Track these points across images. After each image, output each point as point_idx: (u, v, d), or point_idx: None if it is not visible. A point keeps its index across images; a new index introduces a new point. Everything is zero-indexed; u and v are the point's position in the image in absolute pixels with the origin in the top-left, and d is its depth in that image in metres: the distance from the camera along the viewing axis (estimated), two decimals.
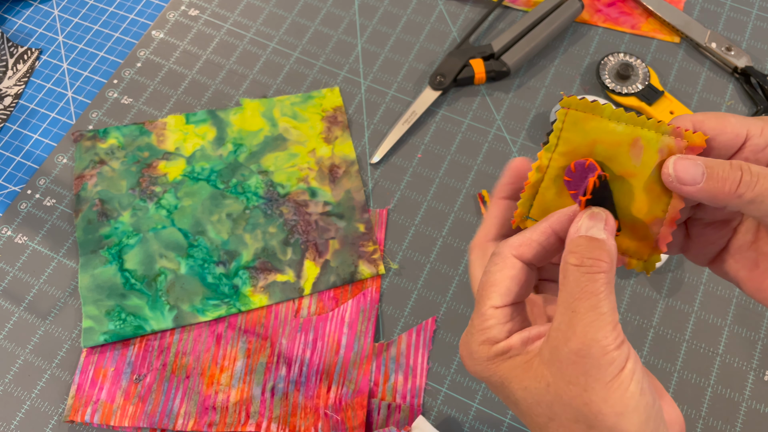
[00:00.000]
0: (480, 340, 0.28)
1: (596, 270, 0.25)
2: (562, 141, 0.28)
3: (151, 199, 0.53)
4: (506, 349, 0.27)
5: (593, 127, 0.28)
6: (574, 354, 0.24)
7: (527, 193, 0.29)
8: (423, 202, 0.53)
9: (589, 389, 0.24)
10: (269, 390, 0.46)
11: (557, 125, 0.28)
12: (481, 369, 0.28)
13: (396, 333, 0.49)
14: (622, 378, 0.24)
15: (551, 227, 0.28)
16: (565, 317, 0.25)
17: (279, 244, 0.51)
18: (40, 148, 0.56)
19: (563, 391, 0.25)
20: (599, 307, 0.25)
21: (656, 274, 0.50)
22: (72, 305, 0.50)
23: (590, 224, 0.26)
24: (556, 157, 0.28)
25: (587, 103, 0.28)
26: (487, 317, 0.28)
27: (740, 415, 0.45)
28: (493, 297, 0.28)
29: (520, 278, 0.28)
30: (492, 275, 0.28)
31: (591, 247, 0.26)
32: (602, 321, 0.24)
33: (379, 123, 0.56)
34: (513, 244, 0.28)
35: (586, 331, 0.24)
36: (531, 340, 0.27)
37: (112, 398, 0.46)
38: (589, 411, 0.25)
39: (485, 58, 0.57)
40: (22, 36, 0.62)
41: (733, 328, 0.48)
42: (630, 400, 0.24)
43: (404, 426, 0.45)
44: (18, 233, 0.53)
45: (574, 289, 0.25)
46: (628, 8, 0.61)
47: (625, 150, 0.28)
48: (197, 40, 0.61)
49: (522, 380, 0.26)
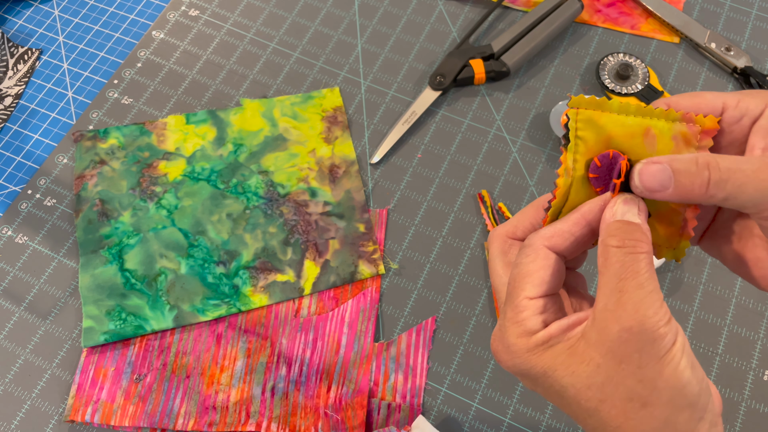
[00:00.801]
0: (517, 333, 0.27)
1: (638, 250, 0.25)
2: (579, 141, 0.28)
3: (151, 199, 0.53)
4: (546, 338, 0.27)
5: (605, 122, 0.28)
6: (626, 332, 0.24)
7: (558, 200, 0.29)
8: (423, 202, 0.53)
9: (644, 366, 0.24)
10: (269, 390, 0.46)
11: (572, 125, 0.28)
12: (521, 362, 0.27)
13: (396, 333, 0.49)
14: (674, 352, 0.24)
15: (584, 217, 0.28)
16: (613, 297, 0.25)
17: (279, 244, 0.51)
18: (40, 148, 0.57)
19: (615, 370, 0.25)
20: (645, 285, 0.25)
21: (656, 274, 0.50)
22: (72, 305, 0.50)
23: (625, 209, 0.27)
24: (578, 158, 0.28)
25: (595, 100, 0.28)
26: (522, 308, 0.27)
27: (740, 414, 0.46)
28: (527, 288, 0.28)
29: (553, 269, 0.28)
30: (525, 266, 0.28)
31: (629, 229, 0.26)
32: (651, 298, 0.25)
33: (379, 123, 0.57)
34: (545, 235, 0.28)
35: (637, 308, 0.24)
36: (570, 327, 0.27)
37: (112, 398, 0.46)
38: (643, 388, 0.25)
39: (485, 58, 0.57)
40: (23, 36, 0.62)
41: (733, 327, 0.48)
42: (683, 374, 0.24)
43: (404, 426, 0.45)
44: (18, 233, 0.53)
45: (619, 269, 0.25)
46: (627, 8, 0.61)
47: (639, 140, 0.28)
48: (197, 40, 0.61)
49: (569, 366, 0.26)
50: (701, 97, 0.28)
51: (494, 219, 0.52)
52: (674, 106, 0.28)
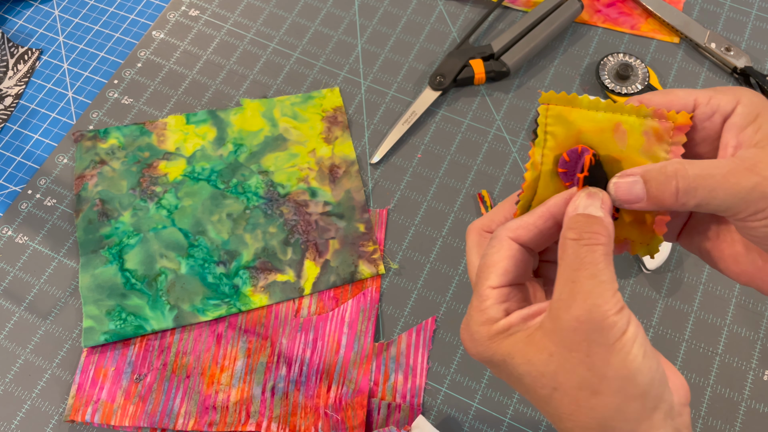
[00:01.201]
0: (480, 321, 0.28)
1: (594, 242, 0.26)
2: (549, 136, 0.29)
3: (151, 199, 0.53)
4: (507, 327, 0.27)
5: (575, 118, 0.28)
6: (575, 320, 0.25)
7: (526, 194, 0.29)
8: (423, 202, 0.53)
9: (592, 354, 0.25)
10: (269, 389, 0.46)
11: (541, 120, 0.29)
12: (483, 349, 0.28)
13: (396, 333, 0.49)
14: (624, 341, 0.25)
15: (549, 211, 0.28)
16: (566, 287, 0.25)
17: (279, 244, 0.51)
18: (40, 148, 0.57)
19: (566, 358, 0.25)
20: (598, 276, 0.25)
21: (656, 274, 0.50)
22: (72, 305, 0.50)
23: (588, 203, 0.27)
24: (547, 153, 0.29)
25: (565, 96, 0.28)
26: (485, 297, 0.28)
27: (740, 414, 0.46)
28: (490, 277, 0.28)
29: (516, 260, 0.29)
30: (489, 257, 0.29)
31: (589, 222, 0.26)
32: (602, 288, 0.25)
33: (379, 123, 0.57)
34: (510, 227, 0.29)
35: (586, 297, 0.25)
36: (531, 316, 0.27)
37: (112, 398, 0.47)
38: (592, 376, 0.25)
39: (485, 58, 0.57)
40: (23, 36, 0.62)
41: (733, 327, 0.48)
42: (632, 363, 0.25)
43: (404, 425, 0.45)
44: (18, 233, 0.53)
45: (573, 261, 0.26)
46: (627, 8, 0.61)
47: (609, 135, 0.28)
48: (197, 40, 0.61)
49: (525, 354, 0.27)
50: (673, 94, 0.28)
51: None
52: (646, 103, 0.28)
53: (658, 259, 0.48)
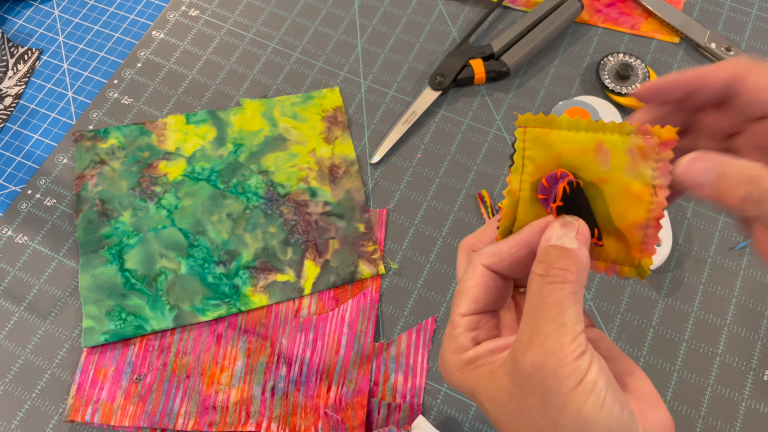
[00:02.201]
0: (451, 349, 0.28)
1: (561, 280, 0.25)
2: (527, 161, 0.27)
3: (151, 199, 0.53)
4: (474, 358, 0.27)
5: (554, 140, 0.27)
6: (530, 366, 0.24)
7: (504, 221, 0.28)
8: (423, 202, 0.53)
9: (546, 401, 0.24)
10: (269, 390, 0.46)
11: (518, 145, 0.27)
12: (453, 378, 0.28)
13: (396, 333, 0.49)
14: (580, 390, 0.24)
15: (523, 240, 0.28)
16: (527, 328, 0.25)
17: (279, 244, 0.51)
18: (40, 148, 0.57)
19: (523, 402, 0.25)
20: (560, 318, 0.24)
21: (656, 274, 0.50)
22: (72, 305, 0.50)
23: (561, 233, 0.26)
24: (526, 179, 0.27)
25: (543, 117, 0.27)
26: (456, 324, 0.28)
27: (740, 414, 0.46)
28: (461, 305, 0.28)
29: (488, 287, 0.28)
30: (463, 283, 0.28)
31: (559, 256, 0.25)
32: (561, 332, 0.24)
33: (379, 123, 0.57)
34: (485, 254, 0.28)
35: (543, 342, 0.24)
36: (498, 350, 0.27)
37: (112, 398, 0.47)
38: (547, 423, 0.24)
39: (485, 58, 0.57)
40: (23, 36, 0.62)
41: (733, 327, 0.48)
42: (588, 414, 0.23)
43: (404, 426, 0.45)
44: (18, 233, 0.53)
45: (536, 299, 0.25)
46: (627, 8, 0.61)
47: (591, 156, 0.27)
48: (197, 40, 0.61)
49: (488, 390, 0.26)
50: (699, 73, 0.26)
51: None
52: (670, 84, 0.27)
53: (658, 260, 0.48)
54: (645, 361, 0.47)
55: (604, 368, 0.24)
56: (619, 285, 0.50)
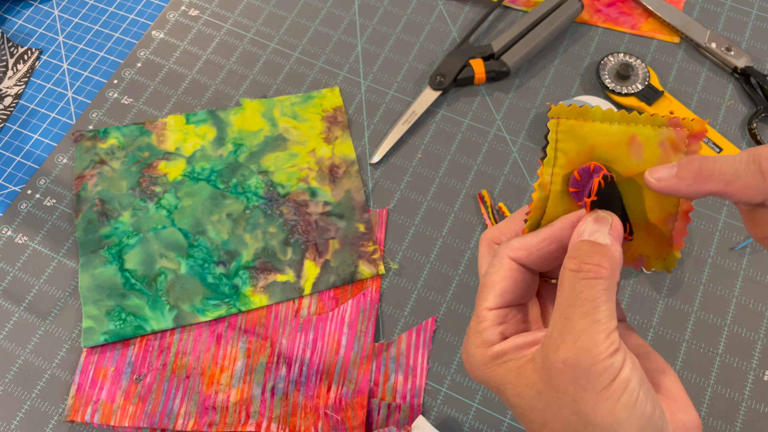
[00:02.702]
0: (476, 343, 0.27)
1: (594, 276, 0.24)
2: (560, 153, 0.27)
3: (151, 199, 0.53)
4: (501, 353, 0.27)
5: (588, 132, 0.27)
6: (563, 363, 0.24)
7: (534, 215, 0.27)
8: (423, 202, 0.53)
9: (578, 399, 0.24)
10: (269, 390, 0.46)
11: (552, 137, 0.27)
12: (479, 373, 0.27)
13: (396, 333, 0.49)
14: (613, 389, 0.23)
15: (553, 234, 0.27)
16: (558, 324, 0.24)
17: (279, 244, 0.51)
18: (40, 148, 0.57)
19: (553, 399, 0.24)
20: (593, 315, 0.24)
21: (656, 274, 0.50)
22: (72, 305, 0.50)
23: (594, 228, 0.25)
24: (558, 171, 0.27)
25: (576, 109, 0.27)
26: (482, 319, 0.27)
27: (740, 414, 0.45)
28: (488, 298, 0.27)
29: (516, 281, 0.27)
30: (489, 276, 0.28)
31: (592, 252, 0.25)
32: (594, 329, 0.24)
33: (379, 123, 0.56)
34: (513, 247, 0.28)
35: (576, 339, 0.24)
36: (527, 345, 0.26)
37: (112, 398, 0.46)
38: (578, 421, 0.24)
39: (485, 58, 0.57)
40: (23, 36, 0.62)
41: (733, 328, 0.48)
42: (620, 412, 0.23)
43: (404, 426, 0.45)
44: (18, 233, 0.53)
45: (569, 295, 0.24)
46: (627, 8, 0.61)
47: (625, 149, 0.26)
48: (197, 40, 0.61)
49: (516, 386, 0.26)
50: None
51: (494, 219, 0.52)
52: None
53: None
54: None
55: (636, 366, 0.24)
56: (620, 285, 0.50)
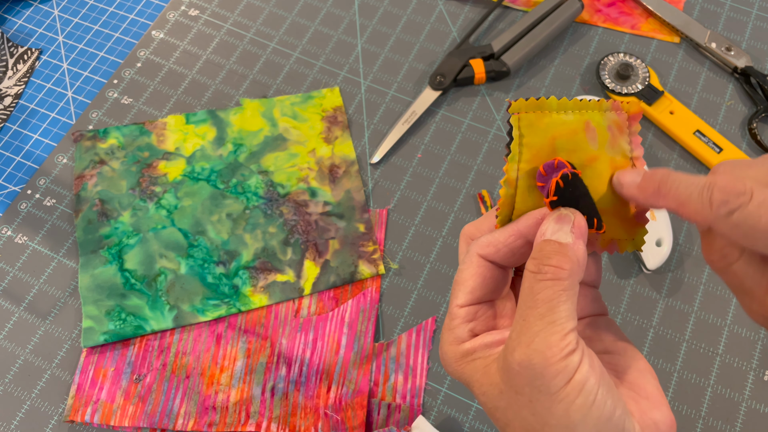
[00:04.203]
0: (449, 340, 0.28)
1: (552, 277, 0.24)
2: (524, 148, 0.27)
3: (151, 199, 0.53)
4: (471, 351, 0.27)
5: (547, 124, 0.27)
6: (518, 365, 0.24)
7: (503, 211, 0.28)
8: (423, 202, 0.53)
9: (534, 400, 0.24)
10: (269, 390, 0.46)
11: (515, 133, 0.27)
12: (452, 370, 0.28)
13: (396, 333, 0.49)
14: (568, 390, 0.23)
15: (518, 230, 0.27)
16: (517, 326, 0.24)
17: (279, 244, 0.51)
18: (40, 148, 0.57)
19: (513, 400, 0.25)
20: (549, 316, 0.24)
21: (656, 274, 0.50)
22: (72, 305, 0.50)
23: (556, 227, 0.25)
24: (523, 167, 0.27)
25: (534, 101, 0.27)
26: (454, 316, 0.28)
27: (740, 415, 0.45)
28: (459, 296, 0.28)
29: (485, 278, 0.28)
30: (460, 274, 0.28)
31: (552, 252, 0.25)
32: (549, 331, 0.23)
33: (379, 123, 0.56)
34: (481, 244, 0.28)
35: (531, 341, 0.24)
36: (494, 344, 0.27)
37: (112, 398, 0.46)
38: (536, 421, 0.24)
39: (485, 58, 0.57)
40: (22, 36, 0.62)
41: (733, 328, 0.48)
42: (575, 414, 0.23)
43: (404, 426, 0.45)
44: (18, 233, 0.53)
45: (527, 297, 0.24)
46: (628, 8, 0.61)
47: (582, 136, 0.27)
48: (197, 40, 0.61)
49: (481, 385, 0.26)
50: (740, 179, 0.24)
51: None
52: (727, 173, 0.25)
53: (658, 260, 0.48)
54: None
55: (595, 366, 0.24)
56: (620, 285, 0.50)
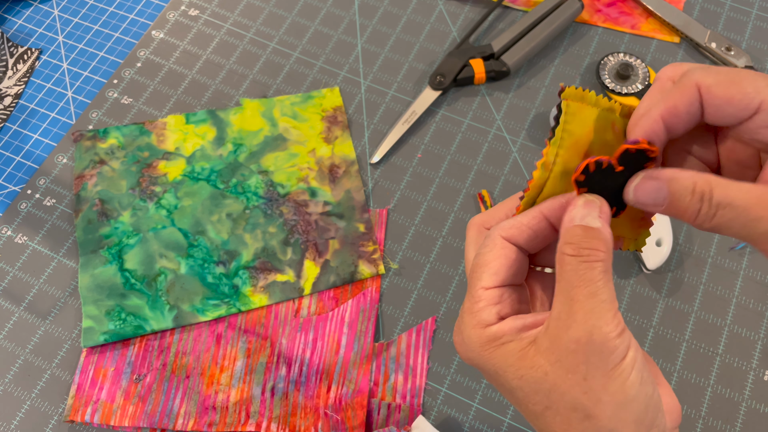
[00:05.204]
0: (472, 324, 0.27)
1: (593, 259, 0.25)
2: (566, 134, 0.27)
3: (151, 199, 0.53)
4: (499, 335, 0.27)
5: (587, 115, 0.28)
6: (575, 342, 0.24)
7: (531, 192, 0.28)
8: (423, 202, 0.53)
9: (590, 377, 0.24)
10: (269, 390, 0.46)
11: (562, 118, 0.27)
12: (475, 356, 0.27)
13: (396, 333, 0.49)
14: (623, 367, 0.24)
15: (542, 213, 0.27)
16: (565, 306, 0.25)
17: (279, 244, 0.51)
18: (40, 148, 0.57)
19: (562, 380, 0.25)
20: (598, 295, 0.24)
21: (656, 274, 0.50)
22: (72, 305, 0.50)
23: (584, 212, 0.26)
24: (562, 153, 0.27)
25: (580, 92, 0.28)
26: (477, 299, 0.27)
27: (740, 414, 0.45)
28: (483, 278, 0.28)
29: (510, 260, 0.28)
30: (482, 257, 0.28)
31: (587, 236, 0.25)
32: (602, 308, 0.24)
33: (379, 123, 0.56)
34: (504, 227, 0.28)
35: (587, 318, 0.24)
36: (527, 327, 0.26)
37: (112, 398, 0.46)
38: (587, 399, 0.24)
39: (485, 58, 0.57)
40: (22, 36, 0.62)
41: (733, 328, 0.48)
42: (630, 390, 0.24)
43: (404, 426, 0.45)
44: (18, 233, 0.53)
45: (572, 278, 0.25)
46: (628, 8, 0.61)
47: (611, 135, 0.28)
48: (197, 40, 0.61)
49: (518, 369, 0.26)
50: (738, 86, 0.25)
51: None
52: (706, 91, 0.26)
53: (658, 259, 0.48)
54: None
55: (638, 348, 0.25)
56: (619, 285, 0.50)
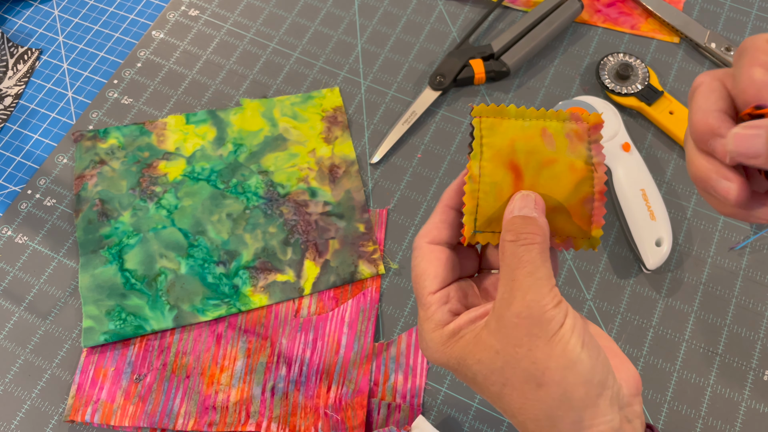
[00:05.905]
0: (430, 328, 0.30)
1: (530, 242, 0.27)
2: (485, 147, 0.30)
3: (151, 199, 0.53)
4: (456, 330, 0.29)
5: (506, 128, 0.30)
6: (516, 316, 0.26)
7: (468, 205, 0.30)
8: (423, 202, 0.53)
9: (534, 348, 0.26)
10: (269, 390, 0.46)
11: (477, 134, 0.30)
12: (439, 355, 0.29)
13: (396, 333, 0.49)
14: (562, 333, 0.26)
15: (444, 203, 0.31)
16: (507, 287, 0.27)
17: (279, 244, 0.51)
18: (40, 148, 0.57)
19: (511, 354, 0.27)
20: (535, 273, 0.27)
21: (656, 274, 0.50)
22: (72, 305, 0.50)
23: (522, 205, 0.29)
24: (485, 164, 0.30)
25: (495, 108, 0.30)
26: (428, 304, 0.30)
27: (740, 414, 0.46)
28: (426, 285, 0.30)
29: (442, 260, 0.30)
30: (418, 267, 0.31)
31: (524, 224, 0.28)
32: (539, 284, 0.26)
33: (379, 123, 0.57)
34: (423, 234, 0.31)
35: (525, 294, 0.26)
36: (478, 318, 0.29)
37: (112, 398, 0.46)
38: (536, 369, 0.26)
39: (485, 58, 0.57)
40: (23, 36, 0.62)
41: (733, 327, 0.48)
42: (572, 353, 0.26)
43: (404, 426, 0.45)
44: (18, 233, 0.53)
45: (512, 261, 0.27)
46: (627, 8, 0.61)
47: (539, 141, 0.30)
48: (197, 40, 0.61)
49: (475, 354, 0.28)
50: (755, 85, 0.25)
51: None
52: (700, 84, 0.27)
53: (658, 259, 0.48)
54: (645, 361, 0.47)
55: (577, 316, 0.27)
56: (619, 285, 0.50)
